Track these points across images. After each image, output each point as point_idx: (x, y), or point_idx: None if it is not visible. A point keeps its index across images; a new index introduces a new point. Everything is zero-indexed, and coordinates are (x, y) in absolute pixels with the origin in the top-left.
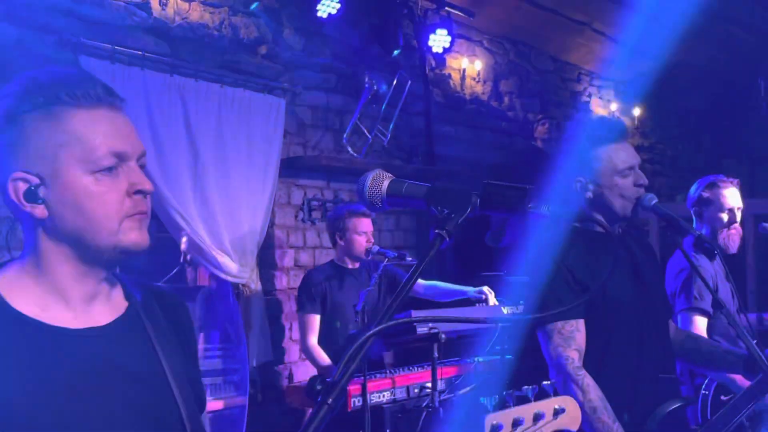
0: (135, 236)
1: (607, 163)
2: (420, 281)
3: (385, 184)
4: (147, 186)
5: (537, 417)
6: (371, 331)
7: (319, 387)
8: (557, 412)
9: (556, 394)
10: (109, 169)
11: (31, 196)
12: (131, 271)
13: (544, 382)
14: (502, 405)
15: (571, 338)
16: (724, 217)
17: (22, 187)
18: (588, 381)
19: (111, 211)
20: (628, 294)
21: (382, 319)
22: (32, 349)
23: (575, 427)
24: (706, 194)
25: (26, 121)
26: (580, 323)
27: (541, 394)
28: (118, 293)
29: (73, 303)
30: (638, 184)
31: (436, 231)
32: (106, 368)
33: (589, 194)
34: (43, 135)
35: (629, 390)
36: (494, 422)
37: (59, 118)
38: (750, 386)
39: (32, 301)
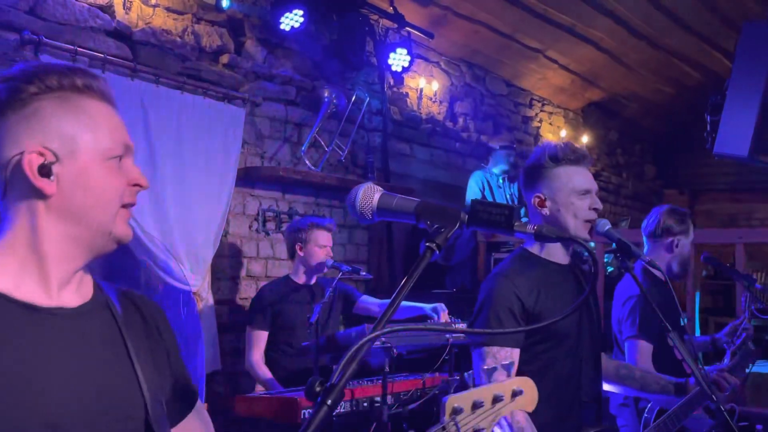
0: (126, 228)
1: (566, 182)
2: (373, 299)
3: (376, 197)
4: (144, 182)
5: (496, 399)
6: (369, 335)
7: (318, 388)
8: (515, 394)
9: (473, 385)
10: (118, 158)
11: (46, 171)
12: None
13: (466, 373)
14: (463, 386)
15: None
16: (690, 246)
17: (37, 161)
18: None
19: (114, 197)
20: (573, 326)
21: (377, 326)
22: (2, 324)
23: (531, 408)
24: (678, 225)
25: (41, 101)
26: (515, 352)
27: (462, 386)
28: (87, 285)
29: (50, 284)
30: (593, 208)
31: (427, 244)
32: (74, 345)
33: (546, 211)
34: (61, 118)
35: (557, 417)
36: (455, 405)
37: (76, 104)
38: (688, 398)
39: (7, 277)
